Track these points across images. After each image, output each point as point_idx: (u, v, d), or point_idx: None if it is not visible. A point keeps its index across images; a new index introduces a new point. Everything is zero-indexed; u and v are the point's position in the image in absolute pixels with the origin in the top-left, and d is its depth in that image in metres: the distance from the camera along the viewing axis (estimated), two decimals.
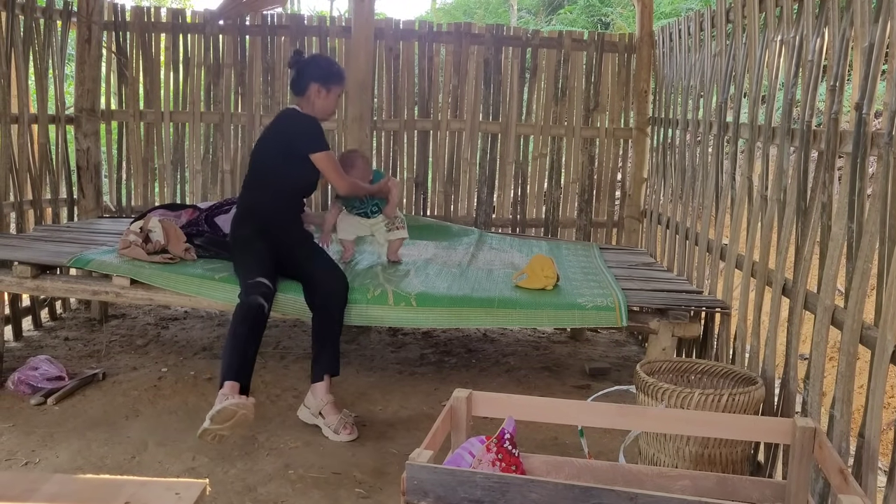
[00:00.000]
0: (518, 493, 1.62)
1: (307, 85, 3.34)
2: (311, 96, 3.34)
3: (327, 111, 3.41)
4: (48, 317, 4.61)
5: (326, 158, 3.31)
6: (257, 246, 3.25)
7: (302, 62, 3.40)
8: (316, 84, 3.33)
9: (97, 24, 4.69)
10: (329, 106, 3.40)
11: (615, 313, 3.11)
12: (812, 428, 1.97)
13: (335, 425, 3.08)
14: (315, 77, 3.34)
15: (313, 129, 3.32)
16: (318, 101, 3.36)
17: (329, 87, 3.35)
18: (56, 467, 2.76)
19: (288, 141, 3.31)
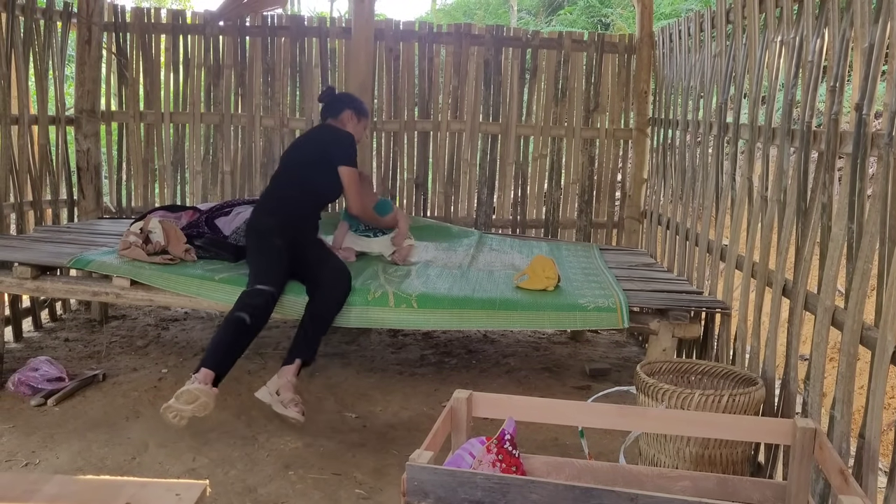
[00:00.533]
0: (518, 493, 1.62)
1: (342, 109, 3.65)
2: (344, 120, 3.63)
3: (357, 139, 3.62)
4: (48, 318, 4.61)
5: (352, 174, 3.49)
6: (277, 244, 3.28)
7: (335, 94, 3.79)
8: (350, 111, 3.65)
9: (97, 25, 4.69)
10: (359, 133, 3.68)
11: (616, 315, 3.11)
12: (812, 429, 1.97)
13: (286, 401, 3.01)
14: (349, 105, 3.68)
15: (349, 143, 3.53)
16: (350, 125, 3.63)
17: (360, 118, 3.68)
18: (56, 468, 2.76)
19: (324, 147, 3.51)
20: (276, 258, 3.25)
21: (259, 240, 3.35)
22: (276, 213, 3.41)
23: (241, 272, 3.34)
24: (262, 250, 3.31)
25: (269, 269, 3.22)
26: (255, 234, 3.40)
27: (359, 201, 3.54)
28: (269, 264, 3.24)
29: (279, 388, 3.09)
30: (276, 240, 3.29)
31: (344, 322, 3.20)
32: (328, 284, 3.20)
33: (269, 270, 3.20)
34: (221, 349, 3.03)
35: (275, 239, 3.30)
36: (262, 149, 4.99)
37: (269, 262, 3.25)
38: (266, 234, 3.34)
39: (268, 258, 3.27)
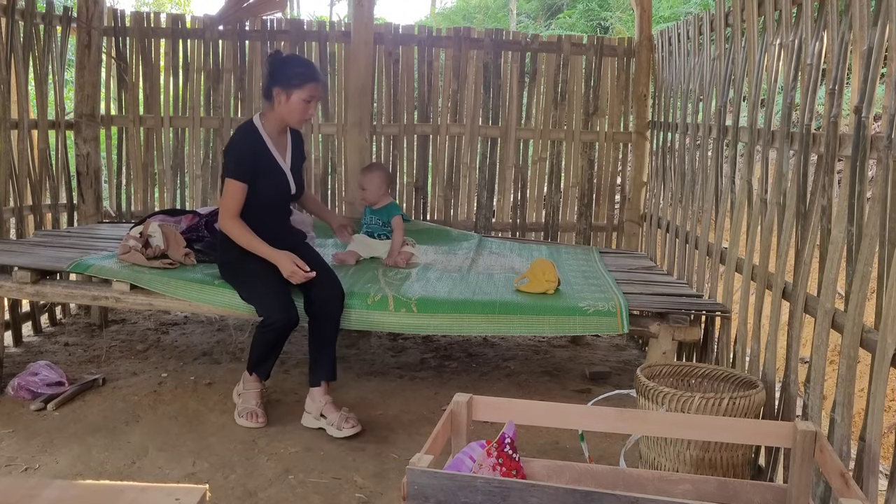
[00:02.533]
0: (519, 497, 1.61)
1: (270, 92, 3.19)
2: (275, 102, 3.19)
3: (291, 118, 3.21)
4: (48, 322, 4.61)
5: (226, 186, 3.15)
6: (251, 267, 3.18)
7: (273, 62, 3.22)
8: (277, 88, 3.16)
9: (97, 30, 4.70)
10: (293, 112, 3.17)
11: (616, 319, 3.11)
12: (813, 431, 1.97)
13: (337, 422, 3.11)
14: (276, 80, 3.15)
15: (228, 151, 3.24)
16: (281, 107, 3.18)
17: (290, 92, 3.13)
18: (56, 473, 2.75)
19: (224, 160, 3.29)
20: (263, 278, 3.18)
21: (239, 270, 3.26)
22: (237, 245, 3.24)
23: None
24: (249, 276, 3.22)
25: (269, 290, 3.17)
26: (229, 269, 3.31)
27: (222, 216, 3.18)
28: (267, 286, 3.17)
29: (322, 411, 3.17)
30: (251, 265, 3.19)
31: (344, 325, 3.22)
32: (322, 297, 3.17)
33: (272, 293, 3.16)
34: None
35: (248, 264, 3.19)
36: None
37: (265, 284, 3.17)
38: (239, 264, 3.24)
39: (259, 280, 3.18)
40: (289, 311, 3.12)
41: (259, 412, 3.23)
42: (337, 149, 5.00)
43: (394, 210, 3.91)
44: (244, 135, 3.23)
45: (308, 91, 3.14)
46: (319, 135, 4.99)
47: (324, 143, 5.02)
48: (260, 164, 3.20)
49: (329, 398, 3.19)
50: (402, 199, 5.08)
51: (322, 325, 3.18)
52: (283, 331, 3.15)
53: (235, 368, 3.92)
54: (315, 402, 3.19)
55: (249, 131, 3.23)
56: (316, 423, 3.17)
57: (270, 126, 3.25)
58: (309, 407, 3.21)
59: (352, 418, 3.14)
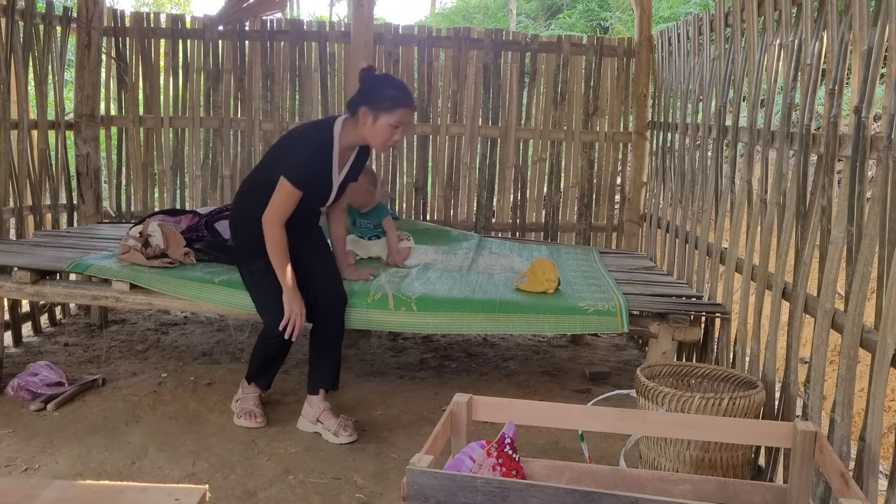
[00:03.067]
0: (519, 497, 1.61)
1: (357, 109, 2.98)
2: (360, 120, 2.98)
3: (374, 141, 3.01)
4: (48, 322, 4.61)
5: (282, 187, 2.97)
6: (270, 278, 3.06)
7: (365, 79, 3.06)
8: (364, 108, 2.95)
9: (97, 30, 4.70)
10: (376, 136, 2.98)
11: (616, 318, 3.11)
12: (813, 431, 1.97)
13: (335, 428, 3.10)
14: (366, 100, 2.96)
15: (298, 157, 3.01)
16: (366, 128, 2.98)
17: (378, 115, 2.93)
18: (56, 473, 2.75)
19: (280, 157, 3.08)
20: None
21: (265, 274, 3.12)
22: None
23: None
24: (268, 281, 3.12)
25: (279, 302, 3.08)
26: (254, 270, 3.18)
27: (269, 216, 2.99)
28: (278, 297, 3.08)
29: (320, 418, 3.15)
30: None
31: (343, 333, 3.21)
32: (325, 304, 3.13)
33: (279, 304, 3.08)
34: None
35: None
36: (262, 153, 4.98)
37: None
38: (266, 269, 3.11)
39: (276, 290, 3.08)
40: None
41: (258, 412, 3.23)
42: None
43: (383, 212, 3.90)
44: (320, 148, 3.03)
45: (398, 116, 2.94)
46: None
47: None
48: (318, 177, 3.08)
49: (327, 405, 3.16)
50: (401, 199, 5.09)
51: (323, 332, 3.16)
52: (286, 345, 3.14)
53: (235, 369, 3.92)
54: (312, 407, 3.17)
55: (325, 145, 3.03)
56: (312, 428, 3.16)
57: (346, 139, 3.06)
58: (306, 412, 3.20)
59: (349, 426, 3.12)
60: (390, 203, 5.07)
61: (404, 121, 2.98)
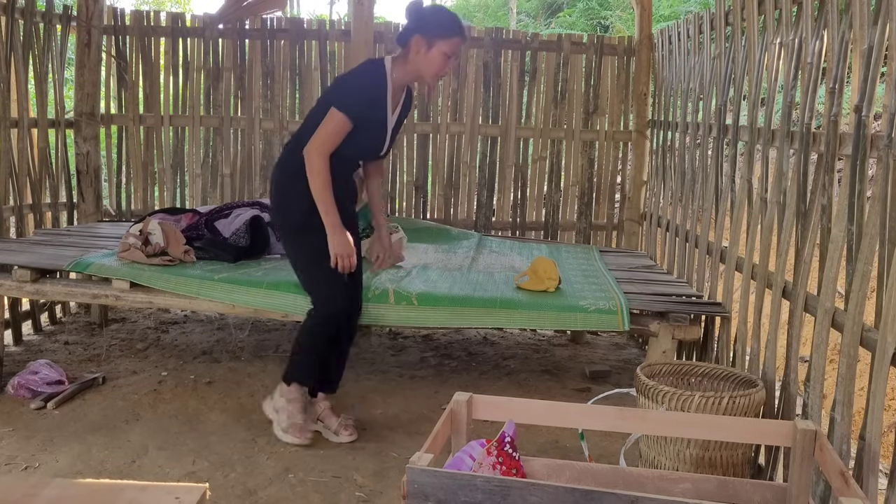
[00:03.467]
0: (519, 496, 1.61)
1: (407, 39, 2.86)
2: (411, 51, 2.86)
3: (426, 72, 2.86)
4: (48, 321, 4.61)
5: (331, 116, 2.80)
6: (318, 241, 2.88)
7: (415, 11, 2.90)
8: (417, 36, 2.83)
9: (97, 29, 4.70)
10: (429, 66, 2.84)
11: (617, 317, 3.11)
12: (813, 430, 1.97)
13: (335, 427, 3.09)
14: (420, 28, 2.84)
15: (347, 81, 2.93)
16: (417, 57, 2.85)
17: (432, 42, 2.81)
18: (56, 472, 2.75)
19: (329, 93, 2.97)
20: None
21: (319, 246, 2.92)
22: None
23: (240, 272, 3.34)
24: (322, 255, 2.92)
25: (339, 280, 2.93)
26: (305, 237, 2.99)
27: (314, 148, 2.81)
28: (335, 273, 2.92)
29: (320, 417, 3.12)
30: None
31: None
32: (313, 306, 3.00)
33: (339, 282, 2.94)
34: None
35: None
36: (262, 152, 4.99)
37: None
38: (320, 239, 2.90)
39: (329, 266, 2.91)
40: (355, 300, 3.02)
41: (308, 428, 3.02)
42: None
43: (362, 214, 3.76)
44: (373, 70, 2.91)
45: (452, 45, 2.83)
46: None
47: None
48: (372, 111, 2.89)
49: (328, 404, 3.14)
50: (401, 197, 5.08)
51: (340, 339, 3.10)
52: (347, 321, 3.00)
53: (235, 367, 3.93)
54: (313, 406, 3.15)
55: (378, 70, 2.90)
56: (314, 427, 3.12)
57: (397, 75, 2.93)
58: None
59: (350, 425, 3.11)
60: (390, 202, 5.07)
61: (457, 51, 2.88)
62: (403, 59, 2.90)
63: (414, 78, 2.97)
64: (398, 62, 2.92)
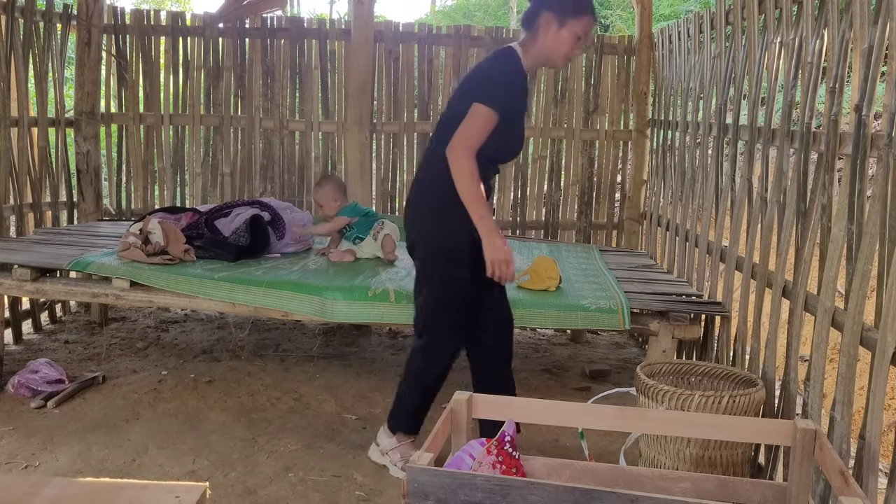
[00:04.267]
0: (519, 495, 1.61)
1: (538, 15, 2.58)
2: (540, 30, 2.58)
3: (556, 53, 2.60)
4: (48, 320, 4.61)
5: (476, 112, 2.50)
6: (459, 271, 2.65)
7: None
8: (547, 13, 2.56)
9: (97, 28, 4.70)
10: (559, 46, 2.57)
11: (618, 316, 3.11)
12: (813, 430, 1.97)
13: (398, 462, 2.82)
14: (549, 5, 2.56)
15: (493, 73, 2.59)
16: (547, 37, 2.58)
17: (564, 21, 2.55)
18: (56, 470, 2.75)
19: (468, 89, 2.61)
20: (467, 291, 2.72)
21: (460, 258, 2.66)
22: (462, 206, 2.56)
23: (240, 271, 3.34)
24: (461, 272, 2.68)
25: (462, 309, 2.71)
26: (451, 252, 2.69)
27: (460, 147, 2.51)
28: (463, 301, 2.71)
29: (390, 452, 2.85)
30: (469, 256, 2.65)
31: (344, 318, 3.17)
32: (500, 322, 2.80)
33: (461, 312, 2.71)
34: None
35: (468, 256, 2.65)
36: (262, 151, 4.99)
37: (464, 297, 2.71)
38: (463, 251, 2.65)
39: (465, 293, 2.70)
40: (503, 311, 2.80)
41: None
42: (337, 147, 5.00)
43: (344, 211, 3.74)
44: (511, 57, 2.61)
45: (584, 24, 2.58)
46: (320, 133, 4.99)
47: (324, 141, 5.02)
48: (516, 102, 2.63)
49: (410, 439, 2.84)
50: (402, 197, 5.08)
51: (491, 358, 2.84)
52: (448, 368, 2.75)
53: (235, 366, 3.93)
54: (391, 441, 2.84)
55: (516, 57, 2.62)
56: (381, 460, 2.87)
57: (528, 60, 2.65)
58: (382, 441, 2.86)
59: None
60: (390, 201, 5.07)
61: (588, 31, 2.62)
62: (531, 41, 2.62)
63: (542, 62, 2.67)
64: (527, 47, 2.63)
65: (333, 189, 3.76)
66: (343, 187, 3.88)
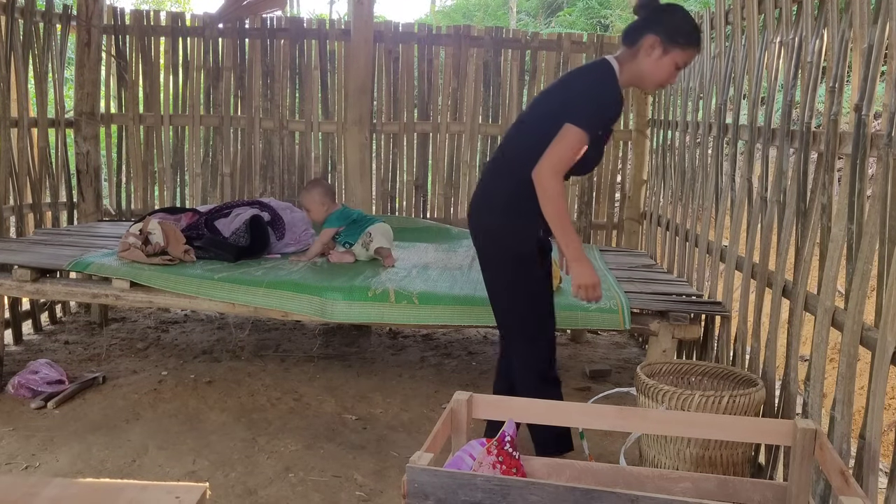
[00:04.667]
0: (519, 495, 1.61)
1: (642, 35, 2.47)
2: (642, 50, 2.48)
3: (652, 78, 2.52)
4: (48, 320, 4.61)
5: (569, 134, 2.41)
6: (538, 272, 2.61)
7: (655, 7, 2.53)
8: (654, 36, 2.45)
9: (97, 28, 4.69)
10: (657, 73, 2.49)
11: (618, 316, 3.11)
12: (813, 429, 1.97)
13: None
14: (658, 28, 2.46)
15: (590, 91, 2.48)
16: (647, 60, 2.48)
17: (670, 48, 2.45)
18: (56, 471, 2.75)
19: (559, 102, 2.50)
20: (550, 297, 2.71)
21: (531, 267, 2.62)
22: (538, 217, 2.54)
23: (240, 271, 3.34)
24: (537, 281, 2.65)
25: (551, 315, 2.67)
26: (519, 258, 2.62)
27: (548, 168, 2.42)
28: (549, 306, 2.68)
29: None
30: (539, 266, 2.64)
31: (344, 318, 3.17)
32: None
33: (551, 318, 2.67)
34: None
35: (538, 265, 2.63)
36: (262, 151, 4.99)
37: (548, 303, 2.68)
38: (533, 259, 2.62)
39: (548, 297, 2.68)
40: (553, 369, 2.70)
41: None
42: (337, 147, 5.00)
43: (329, 222, 3.71)
44: (609, 76, 2.50)
45: (688, 56, 2.50)
46: (319, 133, 4.99)
47: (324, 142, 5.02)
48: (609, 123, 2.57)
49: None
50: (402, 197, 5.08)
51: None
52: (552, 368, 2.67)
53: (235, 367, 3.93)
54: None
55: (613, 76, 2.50)
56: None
57: (624, 78, 2.53)
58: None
59: None
60: (390, 201, 5.07)
61: (689, 64, 2.56)
62: (630, 59, 2.51)
63: (634, 83, 2.59)
64: (624, 64, 2.52)
65: (320, 194, 3.74)
66: (331, 191, 3.86)
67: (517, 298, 2.62)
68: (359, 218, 3.77)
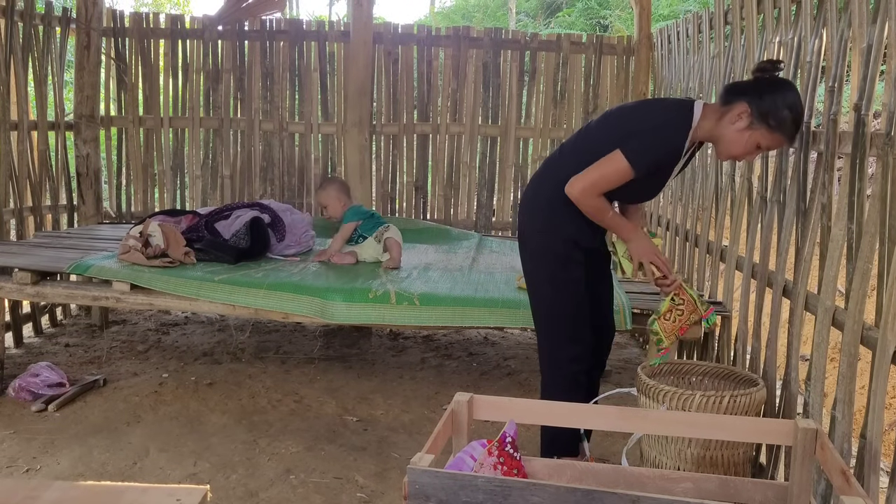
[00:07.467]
0: (520, 496, 1.61)
1: (736, 100, 2.37)
2: (729, 114, 2.38)
3: (728, 147, 2.42)
4: (49, 323, 4.61)
5: (615, 161, 2.41)
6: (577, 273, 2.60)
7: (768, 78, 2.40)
8: (745, 106, 2.35)
9: (96, 31, 4.70)
10: (735, 145, 2.39)
11: (619, 316, 3.11)
12: (814, 429, 1.97)
13: None
14: (755, 99, 2.34)
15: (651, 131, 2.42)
16: (731, 128, 2.38)
17: (757, 127, 2.34)
18: (57, 474, 2.75)
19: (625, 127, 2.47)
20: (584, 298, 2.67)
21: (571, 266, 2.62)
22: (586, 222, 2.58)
23: (240, 273, 3.34)
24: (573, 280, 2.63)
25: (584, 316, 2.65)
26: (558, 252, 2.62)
27: (580, 187, 2.45)
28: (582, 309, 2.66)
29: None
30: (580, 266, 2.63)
31: (344, 319, 3.16)
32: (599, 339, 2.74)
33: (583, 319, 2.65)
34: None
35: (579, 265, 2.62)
36: (262, 153, 5.00)
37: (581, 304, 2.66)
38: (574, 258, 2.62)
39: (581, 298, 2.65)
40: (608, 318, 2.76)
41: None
42: (337, 149, 5.00)
43: (349, 216, 3.75)
44: (681, 121, 2.43)
45: (773, 142, 2.39)
46: (319, 134, 4.99)
47: (323, 143, 5.02)
48: (657, 171, 2.51)
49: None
50: (402, 198, 5.09)
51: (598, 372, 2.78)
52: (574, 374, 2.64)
53: (236, 369, 3.93)
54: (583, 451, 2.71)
55: (686, 122, 2.43)
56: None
57: (700, 130, 2.45)
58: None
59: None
60: (390, 203, 5.07)
61: (773, 148, 2.49)
62: (716, 117, 2.42)
63: (711, 141, 2.51)
64: (709, 116, 2.44)
65: (337, 190, 3.79)
66: (346, 188, 3.90)
67: (545, 295, 2.65)
68: (375, 215, 3.85)
